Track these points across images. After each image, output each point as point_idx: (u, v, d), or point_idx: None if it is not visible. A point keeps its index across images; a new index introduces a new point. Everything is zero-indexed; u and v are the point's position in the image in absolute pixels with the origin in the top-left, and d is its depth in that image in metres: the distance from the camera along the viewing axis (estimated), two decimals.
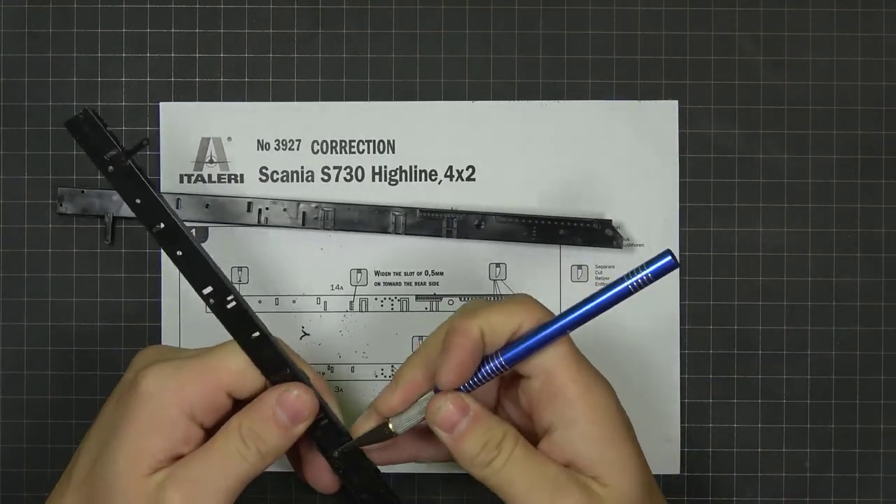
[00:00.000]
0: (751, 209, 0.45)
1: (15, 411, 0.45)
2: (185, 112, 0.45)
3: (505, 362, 0.35)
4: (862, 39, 0.45)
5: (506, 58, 0.45)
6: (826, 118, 0.45)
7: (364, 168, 0.45)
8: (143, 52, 0.45)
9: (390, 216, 0.44)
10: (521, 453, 0.35)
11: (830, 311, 0.45)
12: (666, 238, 0.45)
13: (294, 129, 0.45)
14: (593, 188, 0.45)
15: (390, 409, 0.37)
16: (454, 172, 0.45)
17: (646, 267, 0.34)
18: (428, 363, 0.37)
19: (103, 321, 0.45)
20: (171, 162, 0.45)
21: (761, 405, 0.45)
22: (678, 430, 0.45)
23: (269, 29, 0.46)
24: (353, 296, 0.45)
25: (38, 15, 0.45)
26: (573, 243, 0.44)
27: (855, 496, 0.45)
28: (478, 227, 0.44)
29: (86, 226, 0.45)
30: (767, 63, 0.45)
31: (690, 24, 0.46)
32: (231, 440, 0.35)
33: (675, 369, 0.45)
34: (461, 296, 0.45)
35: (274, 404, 0.35)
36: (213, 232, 0.45)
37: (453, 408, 0.35)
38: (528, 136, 0.45)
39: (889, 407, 0.45)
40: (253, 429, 0.35)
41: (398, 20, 0.46)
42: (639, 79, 0.45)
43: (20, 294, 0.45)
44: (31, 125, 0.45)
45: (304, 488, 0.40)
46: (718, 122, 0.45)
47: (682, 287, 0.45)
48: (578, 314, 0.35)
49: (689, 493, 0.45)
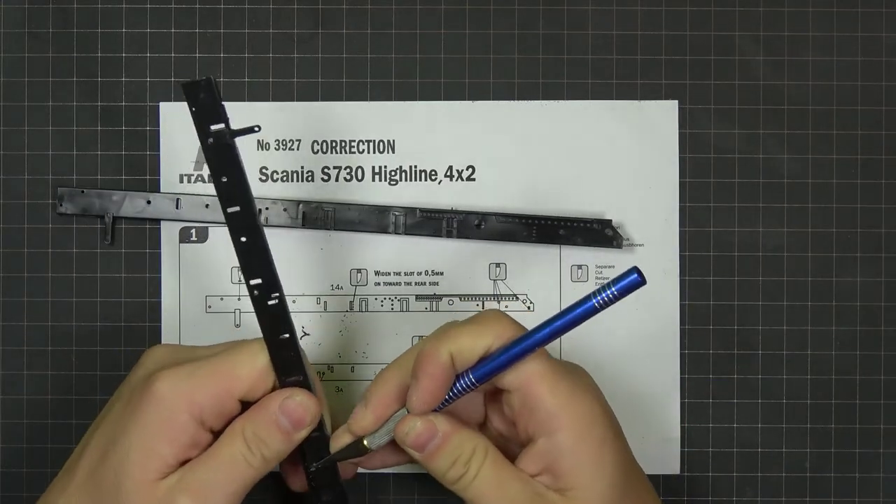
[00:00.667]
0: (751, 209, 0.45)
1: (15, 411, 0.45)
2: (185, 112, 0.45)
3: (475, 380, 0.36)
4: (862, 39, 0.46)
5: (506, 58, 0.45)
6: (826, 118, 0.45)
7: (364, 168, 0.45)
8: (143, 52, 0.45)
9: (390, 216, 0.44)
10: (489, 469, 0.36)
11: (830, 311, 0.45)
12: (666, 238, 0.45)
13: (294, 130, 0.45)
14: (593, 188, 0.45)
15: (363, 429, 0.37)
16: (454, 172, 0.45)
17: (613, 284, 0.34)
18: (400, 380, 0.37)
19: (103, 321, 0.45)
20: (170, 162, 0.45)
21: (761, 405, 0.45)
22: (678, 430, 0.45)
23: (269, 29, 0.46)
24: (353, 296, 0.45)
25: (38, 15, 0.45)
26: (573, 243, 0.44)
27: (855, 496, 0.45)
28: (478, 227, 0.44)
29: (85, 226, 0.45)
30: (767, 63, 0.45)
31: (690, 24, 0.46)
32: (236, 445, 0.35)
33: (675, 369, 0.45)
34: (461, 296, 0.45)
35: (276, 410, 0.36)
36: (213, 232, 0.45)
37: (422, 429, 0.36)
38: (528, 136, 0.45)
39: (889, 407, 0.45)
40: (257, 434, 0.35)
41: (398, 20, 0.46)
42: (639, 79, 0.45)
43: (20, 294, 0.45)
44: (31, 125, 0.45)
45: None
46: (718, 122, 0.45)
47: (682, 287, 0.45)
48: (546, 332, 0.35)
49: (689, 493, 0.45)
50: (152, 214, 0.44)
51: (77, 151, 0.45)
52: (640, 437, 0.45)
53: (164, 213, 0.44)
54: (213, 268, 0.45)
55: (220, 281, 0.45)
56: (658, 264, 0.45)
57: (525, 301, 0.45)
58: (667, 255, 0.45)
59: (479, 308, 0.45)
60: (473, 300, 0.45)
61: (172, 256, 0.45)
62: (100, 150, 0.45)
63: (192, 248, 0.45)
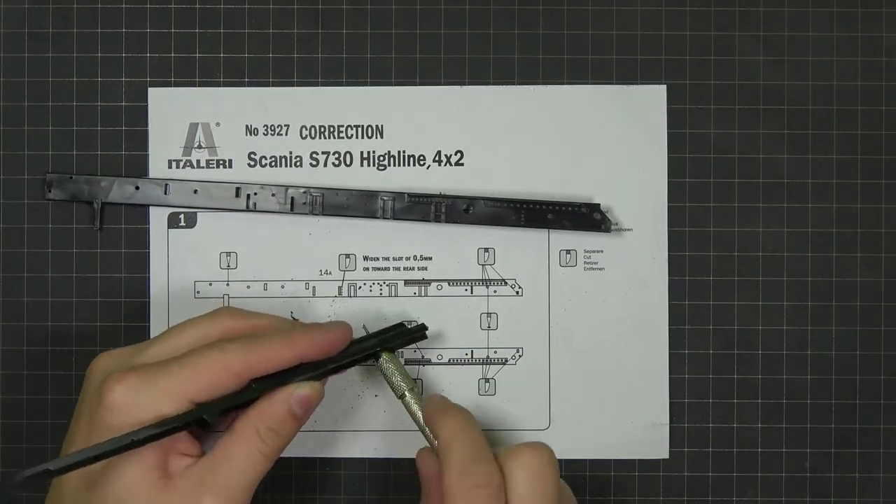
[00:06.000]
0: (751, 209, 0.45)
1: (15, 411, 0.45)
2: (173, 97, 0.45)
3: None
4: (862, 39, 0.46)
5: (506, 58, 0.45)
6: (826, 118, 0.45)
7: (352, 153, 0.45)
8: (143, 52, 0.45)
9: (378, 201, 0.44)
10: None
11: (830, 311, 0.45)
12: (655, 221, 0.45)
13: (282, 115, 0.45)
14: (582, 172, 0.45)
15: None
16: (442, 157, 0.45)
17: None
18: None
19: (103, 321, 0.45)
20: (159, 147, 0.45)
21: (761, 405, 0.45)
22: (668, 414, 0.45)
23: (269, 29, 0.46)
24: (341, 281, 0.45)
25: (38, 15, 0.45)
26: (562, 227, 0.44)
27: (855, 496, 0.45)
28: (466, 211, 0.44)
29: (86, 226, 0.45)
30: (767, 63, 0.45)
31: (690, 24, 0.46)
32: (252, 442, 0.36)
33: (664, 350, 0.45)
34: (450, 280, 0.45)
35: (291, 403, 0.37)
36: (202, 217, 0.45)
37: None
38: (516, 120, 0.45)
39: (889, 407, 0.45)
40: (272, 428, 0.37)
41: (398, 20, 0.46)
42: (639, 79, 0.45)
43: (20, 294, 0.45)
44: (31, 125, 0.45)
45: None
46: (718, 122, 0.45)
47: (683, 287, 0.45)
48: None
49: (689, 493, 0.45)
50: (141, 200, 0.45)
51: (77, 151, 0.45)
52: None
53: (153, 198, 0.45)
54: (201, 253, 0.45)
55: (209, 266, 0.45)
56: (647, 249, 0.45)
57: (514, 286, 0.45)
58: (656, 239, 0.45)
59: (468, 293, 0.45)
60: (462, 285, 0.45)
61: (161, 242, 0.45)
62: (100, 151, 0.45)
63: (181, 233, 0.45)
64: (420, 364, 0.45)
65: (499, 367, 0.45)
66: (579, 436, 0.45)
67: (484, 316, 0.45)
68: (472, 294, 0.45)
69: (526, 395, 0.45)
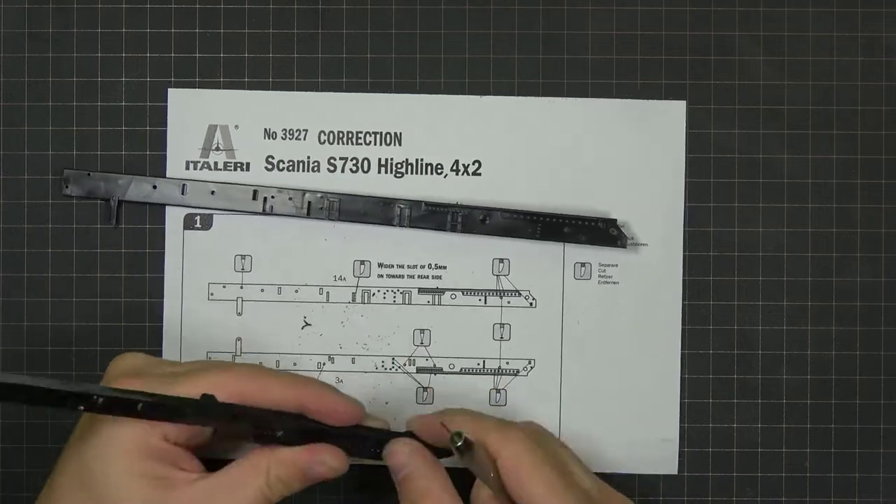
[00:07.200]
0: (751, 209, 0.45)
1: (15, 411, 0.45)
2: (192, 99, 0.45)
3: None
4: (862, 39, 0.46)
5: (506, 58, 0.45)
6: (826, 118, 0.45)
7: (370, 160, 0.45)
8: (143, 52, 0.45)
9: (395, 208, 0.44)
10: None
11: (830, 311, 0.45)
12: (671, 238, 0.45)
13: (301, 120, 0.45)
14: (599, 187, 0.45)
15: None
16: (460, 167, 0.45)
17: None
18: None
19: (103, 321, 0.45)
20: (177, 148, 0.45)
21: (761, 405, 0.45)
22: (678, 430, 0.45)
23: (269, 29, 0.46)
24: (355, 287, 0.45)
25: (38, 15, 0.45)
26: (577, 241, 0.44)
27: (855, 496, 0.45)
28: (482, 221, 0.44)
29: (85, 226, 0.45)
30: (767, 63, 0.45)
31: (690, 24, 0.46)
32: (258, 480, 0.36)
33: (676, 369, 0.45)
34: (464, 290, 0.45)
35: (311, 466, 0.37)
36: (218, 219, 0.45)
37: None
38: (534, 132, 0.45)
39: (889, 407, 0.45)
40: (281, 478, 0.37)
41: (398, 20, 0.46)
42: (639, 79, 0.45)
43: (20, 294, 0.45)
44: (31, 125, 0.45)
45: None
46: (719, 122, 0.45)
47: (683, 287, 0.45)
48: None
49: (689, 493, 0.45)
50: (158, 199, 0.45)
51: (77, 151, 0.45)
52: (640, 436, 0.45)
53: (170, 198, 0.45)
54: (216, 255, 0.45)
55: (223, 269, 0.45)
56: (661, 264, 0.45)
57: (527, 297, 0.45)
58: (671, 256, 0.45)
59: (482, 303, 0.45)
60: (476, 295, 0.45)
61: (176, 242, 0.45)
62: (100, 151, 0.45)
63: (196, 234, 0.45)
64: (432, 373, 0.45)
65: (510, 378, 0.45)
66: (588, 449, 0.44)
67: (497, 326, 0.45)
68: (486, 304, 0.45)
69: (536, 406, 0.45)
